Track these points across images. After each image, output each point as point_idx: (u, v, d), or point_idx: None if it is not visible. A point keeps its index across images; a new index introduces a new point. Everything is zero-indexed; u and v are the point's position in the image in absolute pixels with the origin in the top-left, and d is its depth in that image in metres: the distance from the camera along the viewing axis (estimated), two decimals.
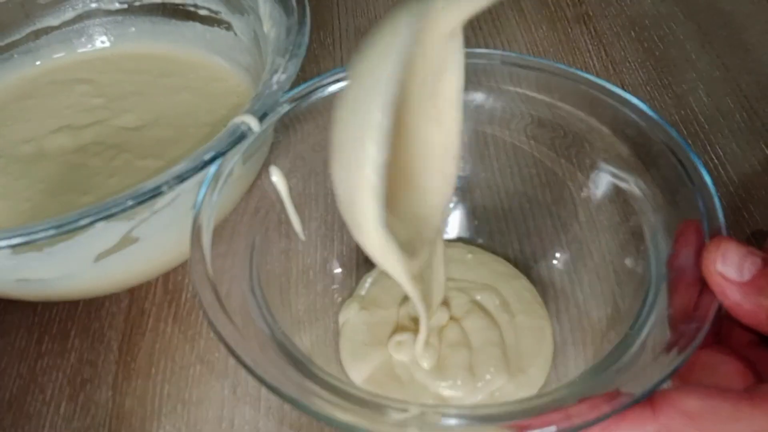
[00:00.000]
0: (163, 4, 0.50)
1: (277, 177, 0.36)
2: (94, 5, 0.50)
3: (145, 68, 0.49)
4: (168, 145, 0.43)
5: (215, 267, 0.29)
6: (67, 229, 0.29)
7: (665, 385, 0.24)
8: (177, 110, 0.46)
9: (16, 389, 0.38)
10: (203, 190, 0.31)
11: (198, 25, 0.49)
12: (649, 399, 0.24)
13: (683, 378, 0.26)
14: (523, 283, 0.39)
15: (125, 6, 0.50)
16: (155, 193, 0.30)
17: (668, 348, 0.25)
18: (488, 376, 0.34)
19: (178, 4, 0.49)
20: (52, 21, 0.49)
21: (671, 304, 0.28)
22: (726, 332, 0.28)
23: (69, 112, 0.46)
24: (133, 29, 0.51)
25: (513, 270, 0.40)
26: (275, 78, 0.35)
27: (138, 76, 0.48)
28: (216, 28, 0.49)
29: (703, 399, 0.23)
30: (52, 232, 0.29)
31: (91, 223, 0.29)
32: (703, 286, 0.26)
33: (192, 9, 0.49)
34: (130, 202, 0.30)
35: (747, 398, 0.23)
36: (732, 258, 0.25)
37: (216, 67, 0.49)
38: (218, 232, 0.31)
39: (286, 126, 0.36)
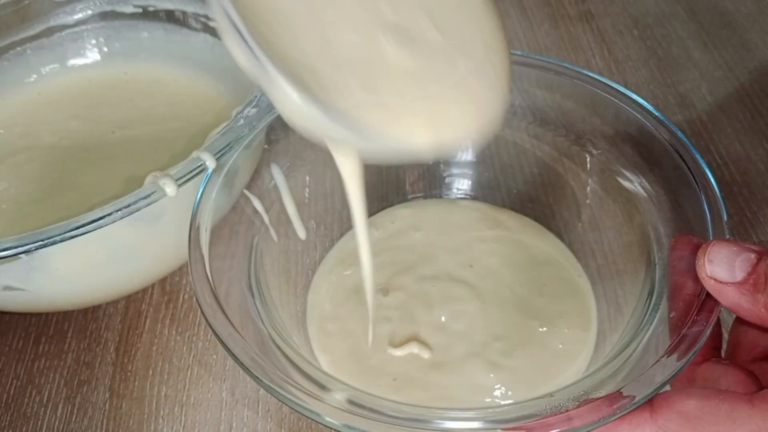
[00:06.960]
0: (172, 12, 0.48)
1: (277, 176, 0.35)
2: (94, 10, 0.49)
3: (140, 97, 0.49)
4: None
5: (214, 267, 0.29)
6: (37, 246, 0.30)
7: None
8: (166, 136, 0.46)
9: (13, 390, 0.37)
10: (200, 190, 0.31)
11: (209, 37, 0.48)
12: (648, 401, 0.24)
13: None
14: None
15: (140, 10, 0.49)
16: (132, 210, 0.31)
17: (671, 350, 0.25)
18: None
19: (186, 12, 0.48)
20: (53, 23, 0.49)
21: (674, 306, 0.27)
22: (731, 349, 0.28)
23: (64, 126, 0.47)
24: (146, 34, 0.50)
25: None
26: (245, 112, 0.35)
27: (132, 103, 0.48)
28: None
29: (701, 401, 0.23)
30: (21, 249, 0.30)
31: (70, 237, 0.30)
32: (704, 288, 0.26)
33: (204, 20, 0.47)
34: (118, 213, 0.30)
35: (746, 400, 0.22)
36: (720, 259, 0.24)
37: (212, 96, 0.48)
38: (217, 232, 0.31)
39: (285, 125, 0.35)
